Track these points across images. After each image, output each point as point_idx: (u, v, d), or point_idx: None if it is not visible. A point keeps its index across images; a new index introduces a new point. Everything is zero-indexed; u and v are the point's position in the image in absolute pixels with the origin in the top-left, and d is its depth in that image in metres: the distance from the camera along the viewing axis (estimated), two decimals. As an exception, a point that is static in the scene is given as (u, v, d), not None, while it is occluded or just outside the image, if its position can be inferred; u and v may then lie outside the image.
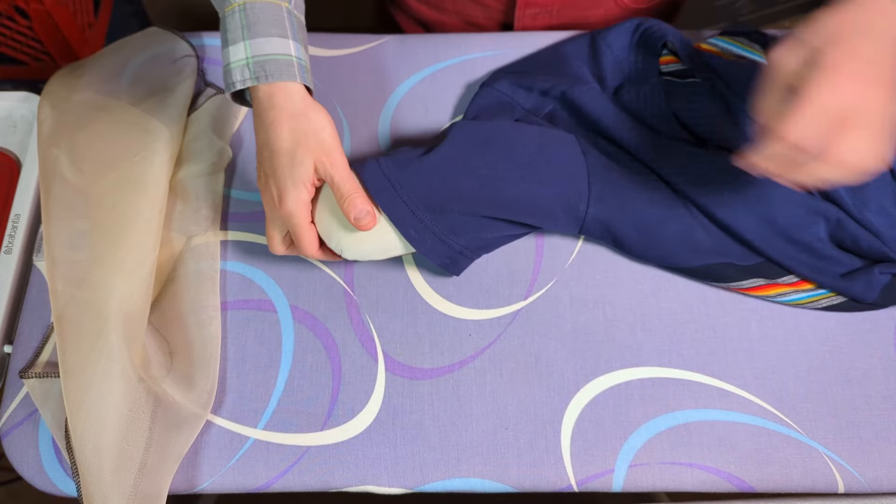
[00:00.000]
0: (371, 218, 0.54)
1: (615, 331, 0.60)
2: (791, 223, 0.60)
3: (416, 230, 0.57)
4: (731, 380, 0.59)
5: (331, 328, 0.61)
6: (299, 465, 0.56)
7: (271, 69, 0.52)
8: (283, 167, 0.53)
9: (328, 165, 0.53)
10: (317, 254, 0.57)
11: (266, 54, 0.53)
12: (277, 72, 0.53)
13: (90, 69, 0.69)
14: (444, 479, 0.56)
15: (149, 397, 0.54)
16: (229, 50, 0.53)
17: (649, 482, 0.56)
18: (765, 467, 0.56)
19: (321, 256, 0.58)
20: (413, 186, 0.57)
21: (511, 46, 0.72)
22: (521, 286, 0.62)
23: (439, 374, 0.59)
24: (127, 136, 0.63)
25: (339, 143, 0.54)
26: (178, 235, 0.62)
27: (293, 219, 0.54)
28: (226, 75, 0.54)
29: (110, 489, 0.51)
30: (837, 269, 0.60)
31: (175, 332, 0.59)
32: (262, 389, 0.59)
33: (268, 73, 0.52)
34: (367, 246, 0.57)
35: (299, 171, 0.53)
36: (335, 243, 0.56)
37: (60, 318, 0.55)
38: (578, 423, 0.57)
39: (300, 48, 0.55)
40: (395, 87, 0.71)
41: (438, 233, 0.57)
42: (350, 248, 0.56)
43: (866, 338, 0.60)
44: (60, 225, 0.59)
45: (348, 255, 0.57)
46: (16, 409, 0.58)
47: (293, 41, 0.54)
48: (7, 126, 0.70)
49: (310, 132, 0.53)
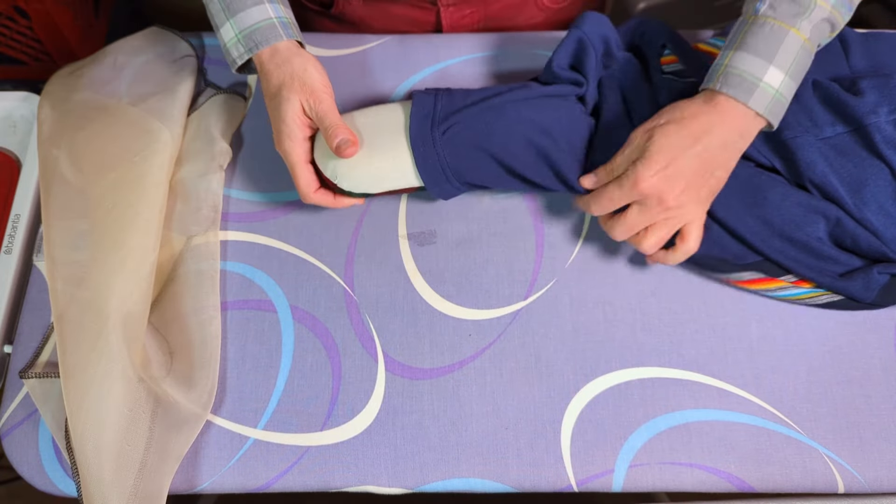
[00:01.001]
0: (352, 146, 0.57)
1: (615, 331, 0.60)
2: (789, 222, 0.60)
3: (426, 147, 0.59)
4: (731, 380, 0.59)
5: (331, 328, 0.61)
6: (299, 465, 0.56)
7: (258, 38, 0.58)
8: (274, 109, 0.59)
9: (312, 102, 0.58)
10: (314, 195, 0.60)
11: (249, 26, 0.59)
12: (264, 38, 0.58)
13: (90, 69, 0.69)
14: (444, 479, 0.56)
15: (149, 397, 0.54)
16: (221, 33, 0.60)
17: (649, 482, 0.56)
18: (765, 467, 0.56)
19: (318, 199, 0.61)
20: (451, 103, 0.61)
21: (511, 47, 0.72)
22: (521, 286, 0.62)
23: (439, 374, 0.59)
24: (127, 136, 0.63)
25: (323, 83, 0.59)
26: (178, 235, 0.62)
27: (289, 157, 0.59)
28: (226, 55, 0.60)
29: (110, 489, 0.51)
30: (836, 269, 0.60)
31: (175, 332, 0.59)
32: (262, 389, 0.59)
33: (257, 42, 0.58)
34: (359, 172, 0.59)
35: (286, 109, 0.58)
36: (331, 170, 0.59)
37: (60, 318, 0.55)
38: (578, 423, 0.57)
39: (278, 7, 0.60)
40: (395, 87, 0.71)
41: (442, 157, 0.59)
42: (344, 175, 0.59)
43: (866, 338, 0.60)
44: (60, 225, 0.59)
45: (343, 184, 0.60)
46: (16, 409, 0.58)
47: (269, 3, 0.59)
48: (7, 126, 0.70)
49: (294, 74, 0.58)
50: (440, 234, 0.64)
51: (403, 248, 0.64)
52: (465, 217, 0.65)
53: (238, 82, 0.71)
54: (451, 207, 0.65)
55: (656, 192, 0.54)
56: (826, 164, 0.61)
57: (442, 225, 0.64)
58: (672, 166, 0.54)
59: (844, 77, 0.67)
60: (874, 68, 0.68)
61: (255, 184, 0.67)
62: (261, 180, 0.67)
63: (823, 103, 0.64)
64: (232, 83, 0.71)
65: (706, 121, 0.55)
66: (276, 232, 0.65)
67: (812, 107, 0.63)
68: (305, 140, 0.60)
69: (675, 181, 0.54)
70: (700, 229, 0.58)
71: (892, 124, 0.61)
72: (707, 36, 0.72)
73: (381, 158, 0.59)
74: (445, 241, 0.64)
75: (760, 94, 0.54)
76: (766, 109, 0.55)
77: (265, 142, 0.68)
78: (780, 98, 0.55)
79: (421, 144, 0.59)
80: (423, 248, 0.64)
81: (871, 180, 0.61)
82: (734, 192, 0.61)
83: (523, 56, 0.72)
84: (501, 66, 0.71)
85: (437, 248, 0.64)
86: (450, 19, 0.77)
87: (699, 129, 0.55)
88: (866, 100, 0.62)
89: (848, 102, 0.62)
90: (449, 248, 0.64)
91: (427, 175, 0.60)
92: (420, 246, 0.64)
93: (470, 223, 0.64)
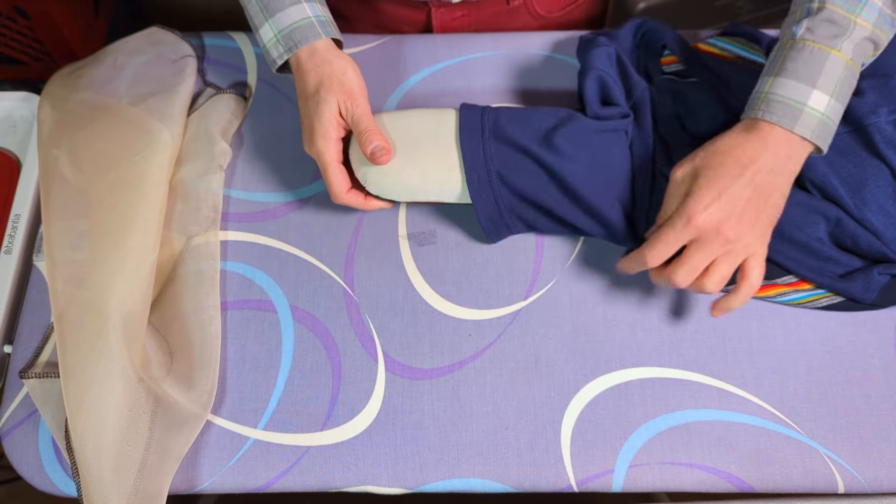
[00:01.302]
0: (385, 154, 0.58)
1: (615, 331, 0.60)
2: (789, 223, 0.60)
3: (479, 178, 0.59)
4: (731, 380, 0.59)
5: (331, 328, 0.61)
6: (299, 465, 0.56)
7: (297, 37, 0.59)
8: (310, 108, 0.59)
9: (349, 105, 0.58)
10: (346, 196, 0.60)
11: (288, 26, 0.59)
12: (303, 37, 0.59)
13: (90, 69, 0.69)
14: (444, 479, 0.56)
15: (149, 397, 0.54)
16: (260, 33, 0.60)
17: (649, 482, 0.56)
18: (765, 467, 0.56)
19: (350, 200, 0.60)
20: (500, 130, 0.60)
21: (511, 47, 0.72)
22: (521, 286, 0.62)
23: (439, 374, 0.59)
24: (127, 136, 0.63)
25: (360, 87, 0.59)
26: (178, 235, 0.62)
27: (322, 157, 0.58)
28: (266, 56, 0.61)
29: (110, 489, 0.51)
30: (836, 270, 0.60)
31: (175, 332, 0.59)
32: (262, 389, 0.59)
33: (296, 42, 0.59)
34: (387, 181, 0.60)
35: (323, 109, 0.58)
36: (362, 174, 0.60)
37: (60, 318, 0.55)
38: (578, 423, 0.57)
39: (315, 5, 0.60)
40: (395, 88, 0.71)
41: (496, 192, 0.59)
42: (373, 181, 0.60)
43: (866, 338, 0.60)
44: (60, 225, 0.59)
45: (371, 188, 0.60)
46: (16, 409, 0.58)
47: (306, 2, 0.59)
48: (7, 126, 0.70)
49: (333, 76, 0.58)
50: (440, 234, 0.64)
51: (403, 248, 0.64)
52: (465, 217, 0.65)
53: (238, 82, 0.71)
54: (452, 207, 0.65)
55: (713, 225, 0.52)
56: (826, 164, 0.61)
57: (442, 225, 0.64)
58: (724, 196, 0.52)
59: (844, 77, 0.67)
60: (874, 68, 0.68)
61: (255, 184, 0.67)
62: (261, 180, 0.67)
63: (823, 103, 0.64)
64: (232, 83, 0.71)
65: (751, 148, 0.53)
66: (276, 232, 0.65)
67: (812, 107, 0.63)
68: (338, 141, 0.60)
69: (730, 211, 0.52)
70: (762, 265, 0.55)
71: (892, 124, 0.61)
72: (707, 36, 0.72)
73: (411, 173, 0.60)
74: (445, 241, 0.64)
75: (806, 118, 0.52)
76: (813, 134, 0.53)
77: (265, 142, 0.68)
78: (826, 121, 0.53)
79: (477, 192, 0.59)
80: (423, 248, 0.64)
81: (871, 180, 0.61)
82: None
83: (523, 56, 0.72)
84: (501, 67, 0.71)
85: (437, 248, 0.64)
86: (440, 20, 0.77)
87: (745, 157, 0.53)
88: (866, 100, 0.62)
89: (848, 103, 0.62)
90: (449, 248, 0.64)
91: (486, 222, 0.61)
92: (420, 246, 0.64)
93: (470, 223, 0.64)
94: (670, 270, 0.54)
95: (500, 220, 0.60)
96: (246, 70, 0.72)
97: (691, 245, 0.53)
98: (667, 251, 0.54)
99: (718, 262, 0.53)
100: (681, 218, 0.53)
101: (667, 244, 0.54)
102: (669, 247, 0.54)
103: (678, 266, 0.54)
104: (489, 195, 0.59)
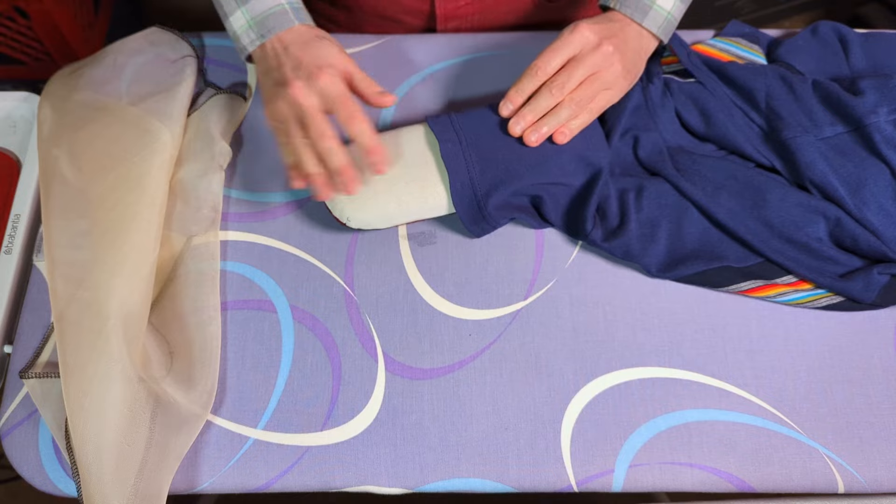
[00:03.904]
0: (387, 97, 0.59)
1: (615, 331, 0.60)
2: (789, 223, 0.60)
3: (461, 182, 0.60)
4: (731, 380, 0.59)
5: (331, 328, 0.61)
6: (299, 465, 0.56)
7: (271, 24, 0.58)
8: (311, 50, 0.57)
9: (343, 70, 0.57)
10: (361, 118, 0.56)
11: (261, 12, 0.59)
12: (277, 24, 0.58)
13: (90, 69, 0.69)
14: (444, 479, 0.56)
15: (149, 397, 0.54)
16: (230, 21, 0.60)
17: (649, 482, 0.56)
18: (765, 467, 0.56)
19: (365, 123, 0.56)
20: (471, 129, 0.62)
21: (511, 47, 0.72)
22: (521, 286, 0.62)
23: (439, 374, 0.59)
24: (127, 136, 0.62)
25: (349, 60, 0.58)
26: (178, 235, 0.62)
27: (332, 87, 0.55)
28: (235, 42, 0.60)
29: (110, 489, 0.51)
30: (836, 270, 0.60)
31: (175, 332, 0.59)
32: (262, 389, 0.59)
33: (270, 28, 0.58)
34: (368, 216, 0.61)
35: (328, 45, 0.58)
36: (339, 212, 0.61)
37: (60, 318, 0.55)
38: (578, 423, 0.57)
39: None
40: (395, 88, 0.71)
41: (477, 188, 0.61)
42: (354, 217, 0.60)
43: (866, 338, 0.60)
44: (60, 225, 0.59)
45: (353, 224, 0.61)
46: (16, 409, 0.58)
47: None
48: (7, 126, 0.70)
49: (321, 48, 0.57)
50: (440, 234, 0.64)
51: (403, 248, 0.64)
52: (465, 217, 0.65)
53: (238, 82, 0.71)
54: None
55: (596, 39, 0.59)
56: (826, 164, 0.61)
57: (442, 225, 0.64)
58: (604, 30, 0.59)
59: (844, 77, 0.67)
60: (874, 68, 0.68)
61: (255, 184, 0.67)
62: (261, 180, 0.67)
63: (823, 103, 0.64)
64: (232, 83, 0.71)
65: (610, 26, 0.60)
66: (276, 232, 0.65)
67: (812, 107, 0.63)
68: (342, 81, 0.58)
69: (609, 35, 0.59)
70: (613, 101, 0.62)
71: (892, 124, 0.61)
72: (707, 36, 0.72)
73: (387, 201, 0.60)
74: (445, 241, 0.64)
75: (654, 15, 0.61)
76: (660, 30, 0.61)
77: (265, 142, 0.68)
78: (671, 20, 0.62)
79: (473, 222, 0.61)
80: (423, 248, 0.64)
81: (870, 180, 0.61)
82: (734, 195, 0.61)
83: (524, 56, 0.72)
84: (501, 67, 0.71)
85: (437, 248, 0.64)
86: (444, 8, 0.76)
87: (608, 29, 0.60)
88: (866, 100, 0.62)
89: (848, 102, 0.62)
90: (449, 248, 0.64)
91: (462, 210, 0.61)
92: (420, 246, 0.64)
93: (470, 223, 0.64)
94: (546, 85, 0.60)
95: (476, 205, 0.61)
96: (246, 70, 0.72)
97: (570, 61, 0.60)
98: (555, 57, 0.59)
99: (591, 79, 0.60)
100: (568, 28, 0.60)
101: (554, 50, 0.59)
102: (557, 53, 0.59)
103: (557, 75, 0.60)
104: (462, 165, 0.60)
